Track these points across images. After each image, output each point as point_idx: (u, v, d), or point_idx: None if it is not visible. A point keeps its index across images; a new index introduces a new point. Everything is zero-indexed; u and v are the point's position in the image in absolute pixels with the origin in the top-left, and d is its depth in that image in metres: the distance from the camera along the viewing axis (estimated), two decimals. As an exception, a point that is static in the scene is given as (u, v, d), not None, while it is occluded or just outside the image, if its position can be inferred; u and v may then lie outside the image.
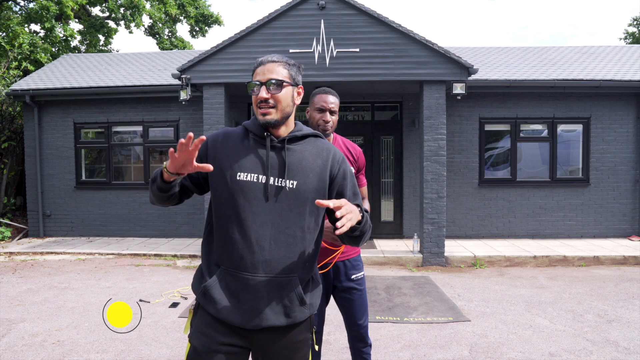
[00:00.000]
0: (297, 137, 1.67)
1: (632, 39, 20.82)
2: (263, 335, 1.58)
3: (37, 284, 5.80)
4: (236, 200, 1.58)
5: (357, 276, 2.55)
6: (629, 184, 8.57)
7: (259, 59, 1.65)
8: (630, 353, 3.65)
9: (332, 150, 1.71)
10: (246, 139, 1.65)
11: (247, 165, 1.60)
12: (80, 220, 9.12)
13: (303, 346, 1.65)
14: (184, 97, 7.43)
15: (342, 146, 2.57)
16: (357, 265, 2.57)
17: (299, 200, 1.60)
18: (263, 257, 1.55)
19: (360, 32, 7.19)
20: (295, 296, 1.59)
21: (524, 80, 8.22)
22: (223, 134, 1.68)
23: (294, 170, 1.61)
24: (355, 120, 9.16)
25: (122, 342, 3.89)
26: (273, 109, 1.60)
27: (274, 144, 1.63)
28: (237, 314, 1.55)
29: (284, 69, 1.63)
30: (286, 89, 1.62)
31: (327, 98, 2.48)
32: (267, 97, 1.58)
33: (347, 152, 2.58)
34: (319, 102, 2.48)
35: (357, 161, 2.62)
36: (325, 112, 2.48)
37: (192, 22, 18.00)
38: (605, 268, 6.72)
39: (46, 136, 9.15)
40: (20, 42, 12.15)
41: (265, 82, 1.59)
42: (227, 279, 1.58)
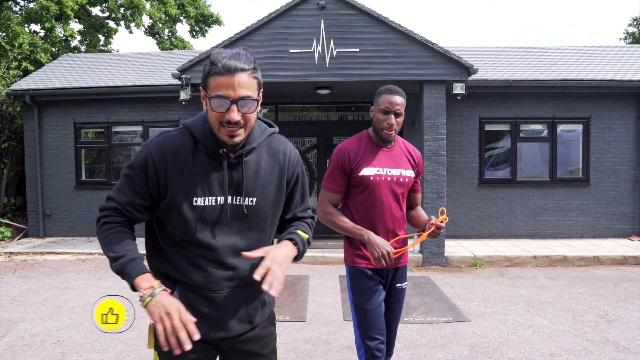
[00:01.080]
0: (252, 148, 1.49)
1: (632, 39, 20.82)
2: (230, 340, 1.56)
3: (37, 284, 5.80)
4: (194, 227, 1.43)
5: (401, 286, 2.45)
6: (629, 184, 8.57)
7: (220, 63, 1.33)
8: (630, 353, 3.65)
9: (287, 152, 1.58)
10: (197, 153, 1.43)
11: (203, 187, 1.42)
12: (80, 220, 9.12)
13: (270, 340, 1.65)
14: (184, 97, 7.43)
15: (403, 150, 2.43)
16: (403, 275, 2.46)
17: (259, 216, 1.52)
18: (227, 275, 1.49)
19: (360, 32, 7.19)
20: (259, 303, 1.58)
21: (524, 80, 8.22)
22: (170, 148, 1.42)
23: (252, 186, 1.49)
24: (355, 120, 9.15)
25: (122, 342, 3.89)
26: (242, 129, 1.38)
27: (230, 161, 1.45)
28: (202, 328, 1.44)
29: (254, 79, 1.37)
30: (255, 106, 1.38)
31: (392, 98, 2.26)
32: (239, 119, 1.35)
33: (408, 156, 2.43)
34: (383, 103, 2.27)
35: (417, 166, 2.48)
36: (389, 115, 2.27)
37: (192, 22, 18.00)
38: (605, 268, 6.72)
39: (46, 136, 9.15)
40: (20, 42, 12.15)
41: (237, 100, 1.33)
42: (187, 294, 1.48)
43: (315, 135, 8.98)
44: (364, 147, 2.36)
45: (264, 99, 9.06)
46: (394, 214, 2.34)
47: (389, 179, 2.32)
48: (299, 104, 9.15)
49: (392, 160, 2.36)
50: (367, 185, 2.30)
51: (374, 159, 2.33)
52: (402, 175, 2.35)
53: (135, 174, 1.45)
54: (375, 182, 2.30)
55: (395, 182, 2.33)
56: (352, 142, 2.39)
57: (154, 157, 1.42)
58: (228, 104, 1.33)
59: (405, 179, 2.36)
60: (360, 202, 2.34)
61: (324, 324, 4.36)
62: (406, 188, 2.38)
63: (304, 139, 8.98)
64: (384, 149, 2.37)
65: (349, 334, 4.09)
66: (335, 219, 2.33)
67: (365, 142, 2.38)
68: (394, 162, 2.36)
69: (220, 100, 1.33)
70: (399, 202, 2.36)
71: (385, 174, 2.32)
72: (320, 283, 5.85)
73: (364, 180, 2.30)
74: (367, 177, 2.29)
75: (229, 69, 1.32)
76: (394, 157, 2.37)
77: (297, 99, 8.93)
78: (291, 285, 5.68)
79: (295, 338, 3.97)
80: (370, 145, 2.37)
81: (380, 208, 2.31)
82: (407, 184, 2.38)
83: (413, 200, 2.51)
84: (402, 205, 2.40)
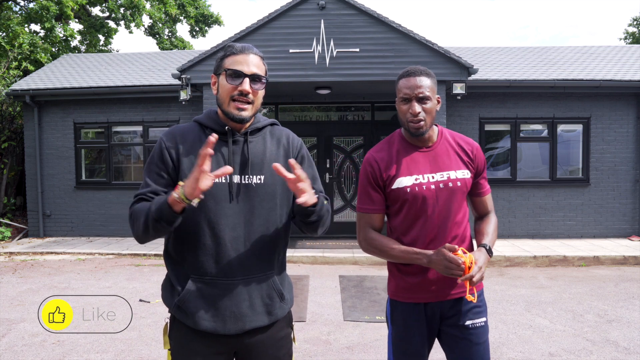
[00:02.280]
0: (257, 128, 1.59)
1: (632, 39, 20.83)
2: (246, 338, 1.55)
3: (37, 284, 5.80)
4: (205, 205, 1.46)
5: (476, 323, 1.81)
6: (629, 184, 8.57)
7: (237, 45, 1.53)
8: (630, 353, 3.65)
9: (290, 136, 1.66)
10: (203, 136, 1.53)
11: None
12: (80, 220, 9.12)
13: (285, 342, 1.64)
14: (184, 97, 7.43)
15: (451, 145, 1.86)
16: (478, 306, 1.82)
17: (268, 194, 1.54)
18: (239, 259, 1.49)
19: (360, 32, 7.19)
20: (275, 293, 1.57)
21: (524, 80, 8.22)
22: (179, 133, 1.55)
23: (260, 164, 1.55)
24: (355, 120, 9.16)
25: (122, 342, 3.89)
26: (250, 105, 1.51)
27: (235, 139, 1.54)
28: (219, 321, 1.49)
29: (263, 64, 1.56)
30: (263, 87, 1.55)
31: (411, 81, 1.74)
32: (249, 91, 1.49)
33: (458, 151, 1.85)
34: (401, 90, 1.77)
35: (474, 160, 1.86)
36: (411, 102, 1.74)
37: (192, 22, 18.00)
38: (605, 268, 6.72)
39: (46, 136, 9.15)
40: (20, 42, 12.15)
41: (250, 74, 1.49)
42: (202, 288, 1.50)
43: (315, 135, 8.98)
44: (396, 151, 1.84)
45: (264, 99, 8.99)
46: (448, 233, 1.79)
47: (433, 187, 1.78)
48: (299, 104, 9.15)
49: (435, 161, 1.82)
50: (406, 200, 1.78)
51: (410, 164, 1.81)
52: (452, 179, 1.80)
53: (153, 165, 1.53)
54: (414, 194, 1.77)
55: (443, 190, 1.79)
56: (381, 147, 1.89)
57: (166, 142, 1.53)
58: (242, 76, 1.48)
59: (457, 183, 1.80)
60: (400, 223, 1.82)
61: (324, 324, 4.36)
62: (462, 194, 1.82)
63: (304, 139, 8.92)
64: (422, 149, 1.83)
65: (349, 334, 4.09)
66: (382, 245, 1.81)
67: (397, 144, 1.86)
68: (438, 164, 1.81)
69: (236, 72, 1.48)
70: (454, 215, 1.80)
71: (427, 182, 1.78)
72: (320, 283, 5.85)
73: (400, 194, 1.79)
74: (403, 190, 1.78)
75: (244, 49, 1.52)
76: (437, 157, 1.82)
77: (297, 99, 8.93)
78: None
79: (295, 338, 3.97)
80: (403, 147, 1.84)
81: (428, 228, 1.78)
82: (462, 188, 1.81)
83: (479, 207, 1.93)
84: (462, 219, 1.84)
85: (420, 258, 1.73)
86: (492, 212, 1.97)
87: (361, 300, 5.10)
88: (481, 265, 1.65)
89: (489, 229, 1.87)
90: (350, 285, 5.70)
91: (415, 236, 1.79)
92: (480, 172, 1.88)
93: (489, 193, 1.95)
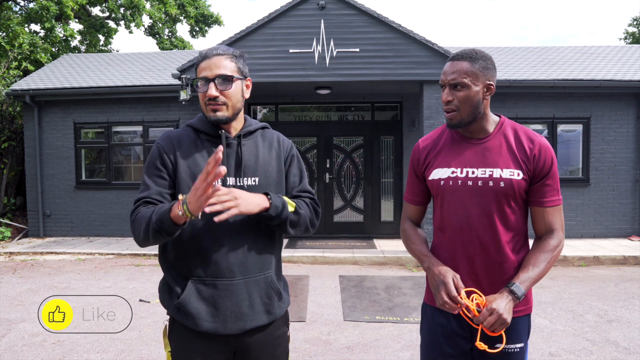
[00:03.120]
0: (250, 131, 1.62)
1: (632, 39, 20.82)
2: (246, 338, 1.57)
3: (37, 284, 5.80)
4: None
5: (509, 348, 1.55)
6: (629, 184, 8.57)
7: (202, 52, 1.54)
8: (630, 353, 3.65)
9: (280, 138, 1.70)
10: (198, 140, 1.57)
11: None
12: (80, 220, 9.12)
13: (282, 340, 1.66)
14: (184, 97, 7.43)
15: (508, 139, 1.60)
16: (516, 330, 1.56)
17: None
18: (238, 260, 1.51)
19: (360, 32, 7.19)
20: (273, 292, 1.59)
21: (524, 80, 8.22)
22: (175, 138, 1.58)
23: (254, 166, 1.58)
24: (355, 120, 9.15)
25: (122, 342, 3.89)
26: (224, 106, 1.52)
27: (229, 141, 1.56)
28: (219, 322, 1.51)
29: (231, 61, 1.53)
30: (235, 83, 1.53)
31: (448, 67, 1.59)
32: (217, 94, 1.49)
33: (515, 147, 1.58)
34: (441, 76, 1.62)
35: (533, 161, 1.57)
36: (444, 89, 1.59)
37: (192, 22, 18.00)
38: (605, 268, 6.72)
39: (46, 136, 9.15)
40: (20, 42, 12.15)
41: (213, 78, 1.50)
42: (201, 289, 1.51)
43: (315, 135, 8.97)
44: (444, 140, 1.68)
45: (264, 99, 9.09)
46: (485, 241, 1.55)
47: (471, 184, 1.56)
48: (299, 104, 9.15)
49: (483, 155, 1.59)
50: (438, 194, 1.64)
51: (452, 155, 1.62)
52: (495, 177, 1.55)
53: (152, 168, 1.55)
54: (447, 188, 1.60)
55: (483, 188, 1.55)
56: (431, 135, 1.74)
57: (163, 146, 1.56)
58: (206, 82, 1.50)
59: (500, 183, 1.54)
60: (438, 220, 1.67)
61: (324, 324, 4.36)
62: (508, 197, 1.55)
63: (304, 139, 8.97)
64: (472, 140, 1.62)
65: (349, 334, 4.09)
66: (407, 238, 1.72)
67: (447, 133, 1.69)
68: (484, 159, 1.58)
69: (201, 80, 1.51)
70: (495, 219, 1.55)
71: (464, 177, 1.57)
72: (320, 283, 5.85)
73: (434, 186, 1.64)
74: (437, 182, 1.62)
75: (206, 55, 1.52)
76: (486, 151, 1.59)
77: (297, 99, 8.93)
78: (291, 285, 5.68)
79: (295, 338, 3.97)
80: (452, 137, 1.66)
81: (460, 228, 1.58)
82: (507, 190, 1.54)
83: (536, 221, 1.60)
84: (506, 225, 1.56)
85: (424, 261, 1.61)
86: (556, 232, 1.57)
87: (361, 300, 5.10)
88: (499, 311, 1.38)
89: (535, 258, 1.51)
90: (350, 285, 5.70)
91: (448, 238, 1.62)
92: (541, 175, 1.57)
93: (554, 205, 1.57)
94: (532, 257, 1.53)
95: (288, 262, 6.99)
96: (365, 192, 8.91)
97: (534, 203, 1.59)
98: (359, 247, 7.77)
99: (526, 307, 1.60)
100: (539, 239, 1.60)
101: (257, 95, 8.68)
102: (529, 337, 1.63)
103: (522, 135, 1.60)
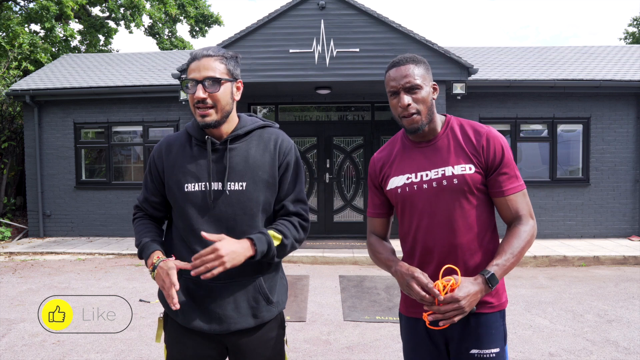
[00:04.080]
0: (240, 135, 1.58)
1: (632, 39, 20.83)
2: (234, 338, 1.58)
3: (37, 284, 5.80)
4: (188, 213, 1.54)
5: (483, 354, 1.52)
6: (629, 184, 8.57)
7: (192, 53, 1.52)
8: (630, 353, 3.65)
9: (279, 140, 1.62)
10: (188, 145, 1.58)
11: (193, 174, 1.54)
12: (80, 220, 9.12)
13: (276, 343, 1.65)
14: (184, 97, 7.43)
15: (456, 136, 1.60)
16: (489, 332, 1.53)
17: (250, 201, 1.54)
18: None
19: (360, 32, 7.19)
20: (261, 296, 1.58)
21: (524, 80, 8.22)
22: (165, 145, 1.62)
23: (242, 171, 1.54)
24: (355, 120, 9.15)
25: (122, 342, 3.89)
26: (212, 109, 1.50)
27: (215, 147, 1.55)
28: (205, 321, 1.54)
29: (220, 63, 1.50)
30: (224, 86, 1.50)
31: (397, 72, 1.54)
32: (205, 96, 1.47)
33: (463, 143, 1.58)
34: (389, 83, 1.57)
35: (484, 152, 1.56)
36: (398, 95, 1.54)
37: (192, 22, 18.00)
38: (605, 268, 6.72)
39: (46, 136, 9.15)
40: (20, 42, 12.15)
41: (201, 80, 1.47)
42: (190, 287, 1.56)
43: (315, 135, 8.98)
44: (397, 149, 1.68)
45: (264, 99, 9.09)
46: (453, 241, 1.54)
47: (426, 187, 1.56)
48: (299, 104, 9.15)
49: (433, 156, 1.59)
50: (397, 203, 1.63)
51: (405, 162, 1.63)
52: (447, 176, 1.54)
53: (145, 175, 1.67)
54: (405, 195, 1.59)
55: (439, 190, 1.55)
56: (384, 147, 1.75)
57: (154, 156, 1.64)
58: (195, 84, 1.49)
59: (453, 180, 1.53)
60: (401, 229, 1.67)
61: (324, 324, 4.36)
62: (464, 193, 1.54)
63: (304, 139, 8.98)
64: (422, 144, 1.63)
65: (349, 334, 4.09)
66: (373, 251, 1.70)
67: (399, 142, 1.70)
68: (435, 160, 1.58)
69: (189, 82, 1.50)
70: (459, 220, 1.55)
71: (419, 181, 1.57)
72: (320, 283, 5.85)
73: (392, 197, 1.65)
74: (394, 191, 1.62)
75: (196, 56, 1.51)
76: (436, 151, 1.60)
77: (297, 99, 8.93)
78: (291, 285, 5.68)
79: (295, 338, 3.97)
80: (404, 145, 1.67)
81: (427, 235, 1.57)
82: (463, 186, 1.53)
83: (502, 211, 1.60)
84: (468, 221, 1.56)
85: (390, 266, 1.58)
86: (524, 218, 1.56)
87: (361, 300, 5.10)
88: (460, 296, 1.38)
89: (507, 246, 1.51)
90: (350, 285, 5.70)
91: (411, 243, 1.61)
92: (494, 165, 1.55)
93: (515, 192, 1.56)
94: (505, 245, 1.52)
95: (288, 262, 6.99)
96: (365, 192, 8.90)
97: (495, 194, 1.58)
98: (359, 247, 7.77)
99: (499, 302, 1.56)
100: (509, 228, 1.59)
101: (257, 95, 8.68)
102: (507, 340, 1.58)
103: (468, 129, 1.61)
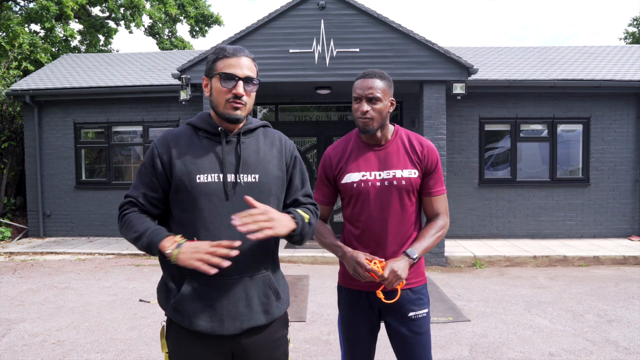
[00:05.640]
0: (250, 129, 1.63)
1: (632, 39, 20.83)
2: (243, 339, 1.55)
3: (37, 284, 5.80)
4: (200, 205, 1.50)
5: (418, 314, 1.94)
6: (629, 184, 8.57)
7: (228, 48, 1.55)
8: (630, 353, 3.65)
9: (282, 138, 1.70)
10: (197, 138, 1.57)
11: (205, 165, 1.52)
12: (80, 220, 9.12)
13: (281, 343, 1.65)
14: (184, 97, 7.43)
15: (404, 145, 1.96)
16: (420, 299, 1.95)
17: (263, 193, 1.56)
18: (235, 258, 1.48)
19: (360, 32, 7.19)
20: (271, 291, 1.58)
21: (524, 80, 8.22)
22: (171, 137, 1.58)
23: (254, 164, 1.57)
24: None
25: (122, 342, 3.89)
26: (244, 106, 1.56)
27: (228, 139, 1.58)
28: (216, 322, 1.50)
29: (255, 67, 1.60)
30: (256, 88, 1.60)
31: (363, 82, 1.88)
32: (244, 94, 1.54)
33: (409, 151, 1.96)
34: (355, 90, 1.90)
35: (424, 161, 1.94)
36: (361, 102, 1.87)
37: (192, 22, 18.00)
38: (605, 268, 6.72)
39: (46, 136, 9.15)
40: (20, 42, 12.15)
41: (243, 77, 1.54)
42: (198, 288, 1.51)
43: (315, 135, 8.98)
44: (351, 148, 1.99)
45: (264, 99, 9.09)
46: (392, 229, 1.92)
47: (379, 185, 1.91)
48: (299, 104, 9.15)
49: (385, 160, 1.94)
50: (352, 195, 1.94)
51: (361, 161, 1.95)
52: (397, 177, 1.90)
53: (144, 169, 1.58)
54: (360, 189, 1.92)
55: (388, 188, 1.91)
56: (339, 144, 2.04)
57: (158, 148, 1.56)
58: (236, 80, 1.52)
59: (402, 181, 1.90)
60: (350, 215, 1.99)
61: (324, 324, 4.36)
62: (409, 193, 1.93)
63: (304, 139, 8.98)
64: (375, 147, 1.97)
65: (349, 334, 4.09)
66: (318, 234, 1.99)
67: (353, 142, 2.01)
68: (387, 163, 1.94)
69: (229, 75, 1.52)
70: (399, 212, 1.92)
71: (373, 179, 1.92)
72: (320, 283, 5.85)
73: (347, 189, 1.95)
74: (350, 185, 1.94)
75: (236, 51, 1.54)
76: (387, 156, 1.95)
77: (297, 99, 8.93)
78: (291, 285, 5.68)
79: (295, 338, 3.97)
80: (358, 145, 1.99)
81: (373, 222, 1.92)
82: (407, 187, 1.91)
83: (427, 207, 2.00)
84: (409, 217, 1.95)
85: (337, 251, 1.91)
86: (441, 215, 1.98)
87: (361, 300, 5.09)
88: (395, 269, 1.76)
89: (425, 233, 1.93)
90: (350, 285, 5.70)
91: (362, 228, 1.94)
92: (430, 171, 1.95)
93: (440, 195, 1.98)
94: (425, 232, 1.93)
95: (288, 262, 6.99)
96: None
97: (425, 194, 1.98)
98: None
99: (421, 278, 1.98)
100: (429, 221, 1.99)
101: (257, 95, 8.60)
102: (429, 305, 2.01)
103: (414, 141, 1.98)
